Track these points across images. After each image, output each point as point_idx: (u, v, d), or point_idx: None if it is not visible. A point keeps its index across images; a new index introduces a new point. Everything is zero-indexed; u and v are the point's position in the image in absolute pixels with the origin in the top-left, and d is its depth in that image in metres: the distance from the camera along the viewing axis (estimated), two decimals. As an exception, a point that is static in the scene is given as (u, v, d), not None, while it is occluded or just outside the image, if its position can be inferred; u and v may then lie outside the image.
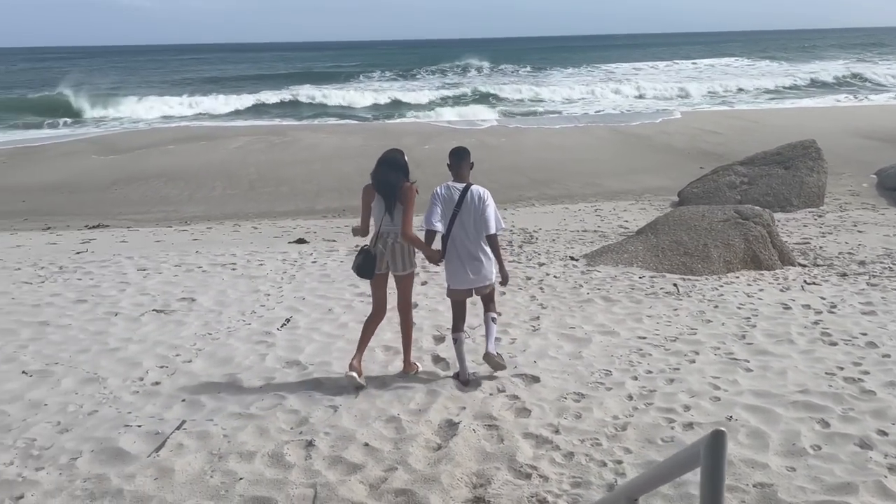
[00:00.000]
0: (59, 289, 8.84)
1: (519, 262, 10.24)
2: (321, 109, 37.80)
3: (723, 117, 29.41)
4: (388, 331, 6.87)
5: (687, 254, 9.34)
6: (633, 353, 5.98)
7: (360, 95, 41.41)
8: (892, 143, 22.14)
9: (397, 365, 5.94)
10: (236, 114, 36.14)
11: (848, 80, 46.91)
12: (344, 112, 36.34)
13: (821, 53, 76.45)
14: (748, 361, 5.74)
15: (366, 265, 5.34)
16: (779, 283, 8.61)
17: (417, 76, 57.70)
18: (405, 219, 5.22)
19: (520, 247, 11.70)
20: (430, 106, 37.77)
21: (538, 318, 7.17)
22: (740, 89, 41.98)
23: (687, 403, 4.94)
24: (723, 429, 1.70)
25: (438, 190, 5.35)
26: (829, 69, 52.48)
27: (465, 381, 5.40)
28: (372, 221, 5.49)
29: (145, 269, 9.93)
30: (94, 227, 14.59)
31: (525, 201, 16.39)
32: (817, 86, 43.41)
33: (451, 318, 5.60)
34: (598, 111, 33.75)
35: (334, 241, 12.28)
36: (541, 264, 10.00)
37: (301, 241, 12.21)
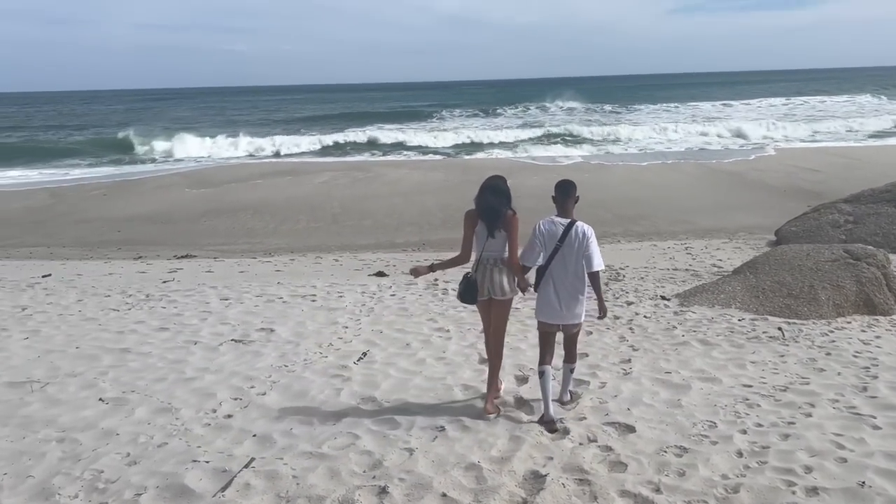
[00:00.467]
0: (143, 316, 8.93)
1: (606, 301, 9.72)
2: (401, 146, 38.33)
3: (820, 154, 27.96)
4: (468, 369, 6.53)
5: (791, 296, 8.62)
6: (739, 402, 5.40)
7: (440, 133, 41.76)
8: None
9: (477, 405, 5.57)
10: (322, 151, 37.01)
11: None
12: (425, 149, 36.63)
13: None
14: (875, 418, 5.07)
15: (468, 291, 5.27)
16: (899, 331, 7.79)
17: (498, 113, 57.77)
18: (511, 246, 5.16)
19: (606, 284, 11.17)
20: (514, 144, 37.61)
21: (629, 360, 6.66)
22: (849, 130, 39.60)
23: (808, 464, 4.34)
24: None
25: (541, 225, 5.20)
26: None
27: (550, 421, 5.09)
28: (474, 248, 5.37)
29: (227, 299, 9.95)
30: (182, 256, 14.92)
31: (610, 238, 15.82)
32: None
33: (539, 353, 5.38)
34: (688, 148, 32.73)
35: (414, 274, 12.08)
36: (629, 303, 9.46)
37: (381, 273, 12.08)
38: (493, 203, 5.11)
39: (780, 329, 7.50)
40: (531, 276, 5.33)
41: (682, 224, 16.97)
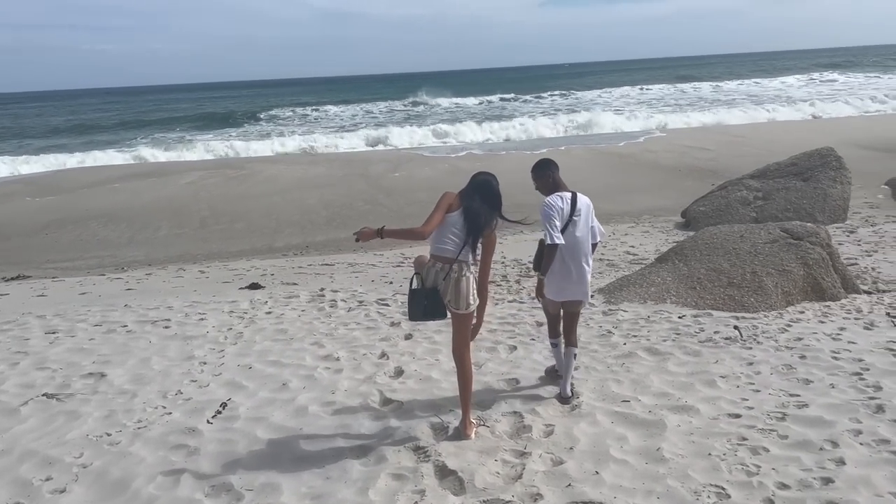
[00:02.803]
0: (-75, 366, 6.69)
1: (521, 303, 8.35)
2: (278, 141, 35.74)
3: (708, 133, 28.07)
4: (366, 417, 4.89)
5: (733, 285, 7.52)
6: (738, 445, 4.01)
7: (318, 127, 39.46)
8: (891, 152, 20.90)
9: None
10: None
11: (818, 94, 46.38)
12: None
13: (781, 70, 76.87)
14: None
15: (435, 305, 4.37)
16: (857, 319, 6.81)
17: (377, 110, 55.51)
18: (485, 265, 4.59)
19: (517, 282, 9.83)
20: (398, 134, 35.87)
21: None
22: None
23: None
24: None
25: (554, 201, 4.83)
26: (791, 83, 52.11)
27: (566, 399, 4.93)
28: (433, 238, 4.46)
29: (55, 332, 7.83)
30: (11, 278, 12.37)
31: (512, 228, 14.53)
32: (782, 101, 42.53)
33: (548, 326, 5.29)
34: (574, 133, 32.21)
35: (295, 283, 10.27)
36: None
37: (255, 286, 10.17)
38: (484, 212, 4.38)
39: (735, 328, 6.31)
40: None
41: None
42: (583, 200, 4.93)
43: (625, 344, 6.20)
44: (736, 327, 6.30)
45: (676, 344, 6.09)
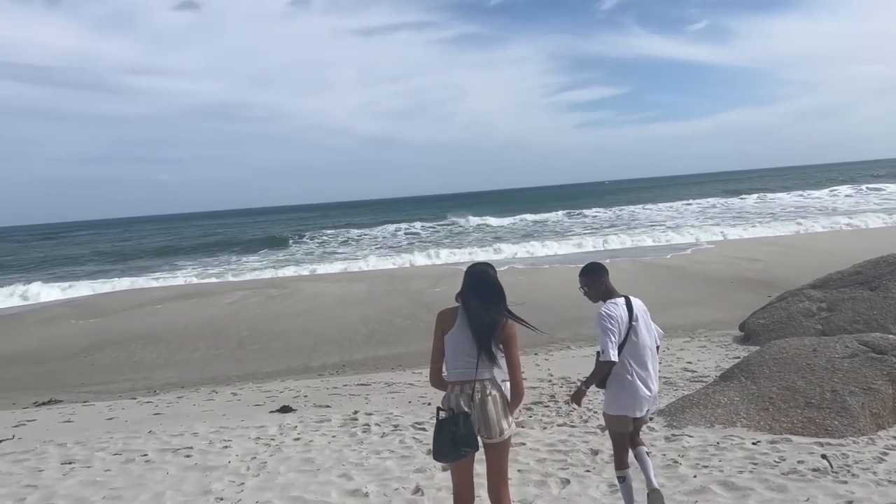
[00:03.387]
0: (-74, 502, 6.19)
1: (573, 426, 7.59)
2: (318, 259, 36.06)
3: (756, 244, 27.29)
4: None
5: (811, 406, 6.68)
6: None
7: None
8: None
9: None
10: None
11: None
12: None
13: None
14: None
15: (470, 435, 3.66)
16: (964, 445, 5.89)
17: (415, 229, 56.09)
18: (513, 363, 3.80)
19: (566, 402, 9.05)
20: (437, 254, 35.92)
21: (638, 529, 4.45)
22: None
23: None
24: None
25: (611, 310, 4.47)
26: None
27: (657, 490, 4.49)
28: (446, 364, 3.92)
29: (72, 462, 7.33)
30: (42, 403, 12.04)
31: (558, 343, 13.85)
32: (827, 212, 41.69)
33: (614, 454, 4.73)
34: (620, 247, 31.76)
35: (328, 406, 9.67)
36: (604, 428, 7.32)
37: (286, 409, 9.60)
38: (491, 311, 3.80)
39: (824, 457, 5.47)
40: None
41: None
42: (637, 304, 4.65)
43: (695, 477, 5.39)
44: (824, 456, 5.46)
45: (755, 477, 5.27)
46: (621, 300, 4.60)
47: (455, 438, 3.61)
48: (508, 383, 3.87)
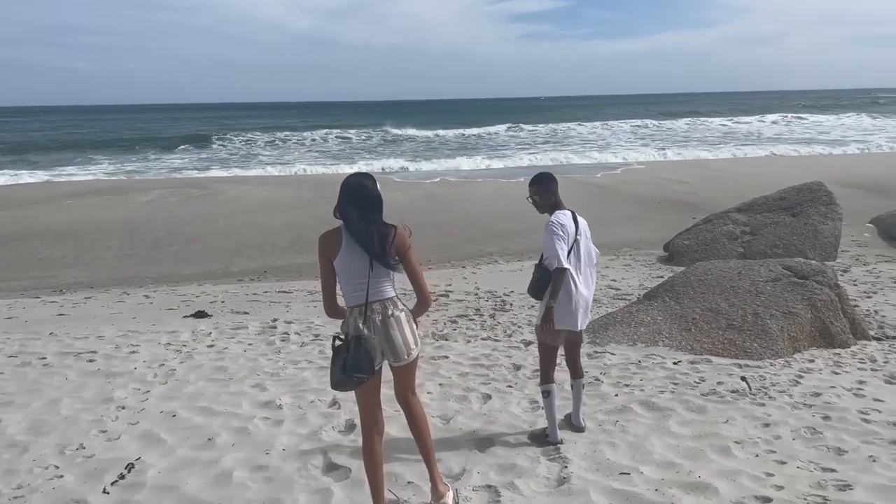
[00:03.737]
0: None
1: (497, 341, 7.49)
2: (243, 161, 34.74)
3: (686, 166, 27.68)
4: (303, 491, 3.95)
5: (733, 327, 6.72)
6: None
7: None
8: (872, 190, 20.56)
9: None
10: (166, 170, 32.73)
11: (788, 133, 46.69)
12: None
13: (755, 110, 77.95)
14: None
15: (361, 360, 3.31)
16: (874, 370, 6.05)
17: (348, 135, 54.49)
18: (415, 273, 3.49)
19: (491, 316, 8.97)
20: (370, 160, 35.10)
21: (557, 449, 4.34)
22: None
23: None
24: None
25: (558, 219, 4.32)
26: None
27: (557, 443, 4.43)
28: (339, 290, 3.50)
29: (-39, 364, 6.76)
30: (-66, 298, 11.20)
31: (486, 257, 13.74)
32: (753, 140, 42.69)
33: (540, 368, 4.56)
34: (553, 161, 31.70)
35: (246, 312, 9.30)
36: (528, 343, 7.25)
37: (201, 314, 9.17)
38: (371, 219, 3.38)
39: (743, 380, 5.48)
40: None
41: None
42: (582, 220, 4.51)
43: (616, 395, 5.33)
44: (744, 378, 5.48)
45: (676, 397, 5.24)
46: (569, 212, 4.44)
47: (345, 365, 3.28)
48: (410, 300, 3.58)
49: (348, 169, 31.01)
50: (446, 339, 7.59)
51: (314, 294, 10.59)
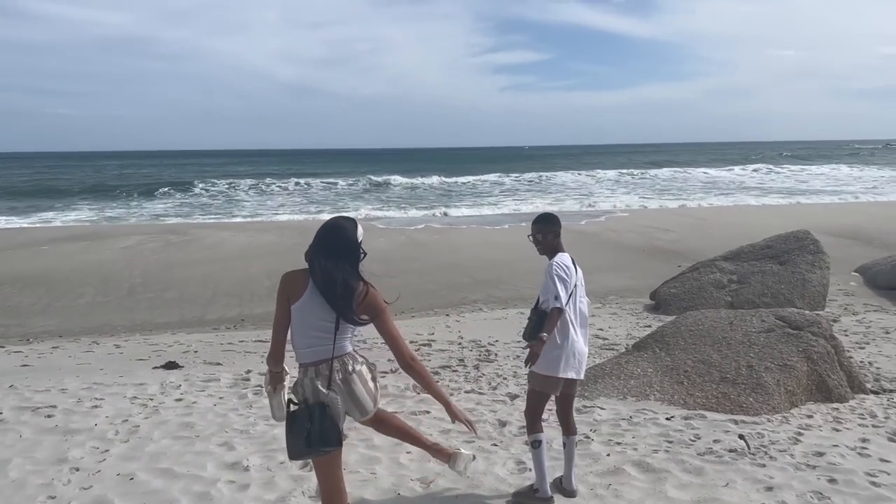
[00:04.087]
0: None
1: (481, 394, 7.15)
2: (224, 207, 34.44)
3: (670, 215, 27.73)
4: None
5: (726, 381, 6.44)
6: None
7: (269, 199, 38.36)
8: (855, 239, 20.60)
9: None
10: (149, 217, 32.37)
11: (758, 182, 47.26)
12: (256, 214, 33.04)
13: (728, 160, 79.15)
14: None
15: (328, 431, 3.00)
16: (875, 427, 5.78)
17: (333, 183, 54.38)
18: (392, 336, 3.19)
19: (475, 367, 8.63)
20: (354, 207, 34.99)
21: (545, 516, 4.01)
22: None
23: None
24: None
25: (562, 261, 4.22)
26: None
27: (548, 500, 4.20)
28: (290, 343, 3.21)
29: None
30: None
31: (470, 305, 13.44)
32: (734, 188, 43.13)
33: (527, 418, 4.33)
34: (536, 211, 31.69)
35: (219, 363, 8.90)
36: (513, 396, 6.93)
37: (171, 365, 8.77)
38: (335, 267, 3.08)
39: (741, 438, 5.18)
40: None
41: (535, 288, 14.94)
42: (578, 266, 4.37)
43: (608, 455, 5.01)
44: (742, 437, 5.18)
45: (671, 457, 4.93)
46: (567, 256, 4.31)
47: (310, 437, 2.97)
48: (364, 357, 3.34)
49: (331, 215, 30.84)
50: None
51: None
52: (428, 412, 6.36)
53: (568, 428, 4.41)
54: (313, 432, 2.95)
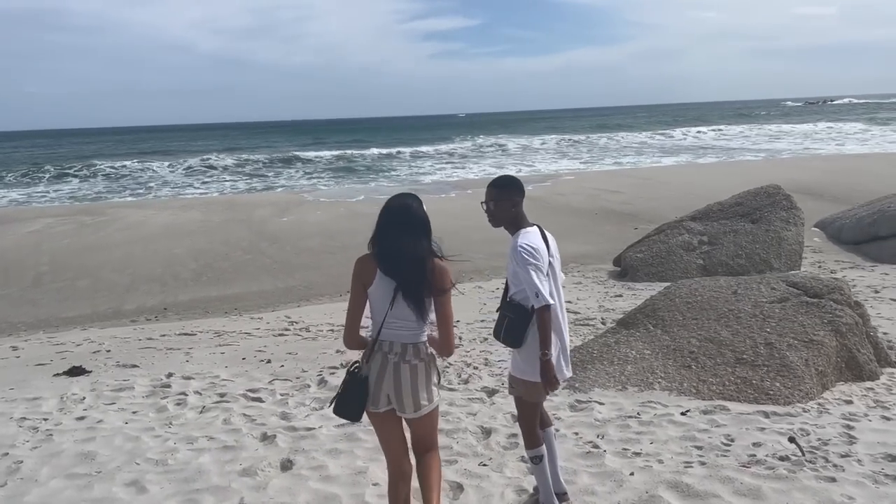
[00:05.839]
0: None
1: (452, 389, 6.02)
2: (150, 187, 32.19)
3: (615, 176, 27.00)
4: None
5: (743, 362, 5.46)
6: None
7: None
8: (806, 193, 20.25)
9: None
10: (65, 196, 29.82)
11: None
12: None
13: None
14: None
15: (348, 397, 3.06)
16: (924, 408, 4.88)
17: (260, 157, 51.88)
18: (445, 316, 3.02)
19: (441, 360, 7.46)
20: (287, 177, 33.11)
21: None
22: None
23: None
24: None
25: (529, 241, 3.34)
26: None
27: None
28: (366, 322, 3.09)
29: None
30: None
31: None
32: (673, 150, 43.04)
33: (524, 431, 3.64)
34: (481, 176, 30.60)
35: (135, 365, 7.49)
36: (490, 392, 5.81)
37: (77, 370, 7.32)
38: (412, 246, 2.97)
39: (791, 441, 4.18)
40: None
41: (501, 258, 13.83)
42: (551, 237, 3.59)
43: (632, 474, 3.94)
44: (792, 439, 4.18)
45: (712, 472, 3.89)
46: (535, 230, 3.51)
47: (338, 400, 3.08)
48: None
49: (262, 190, 29.00)
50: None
51: (222, 335, 8.85)
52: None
53: (546, 420, 3.79)
54: (339, 399, 3.08)
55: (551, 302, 3.26)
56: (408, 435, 3.25)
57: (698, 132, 60.53)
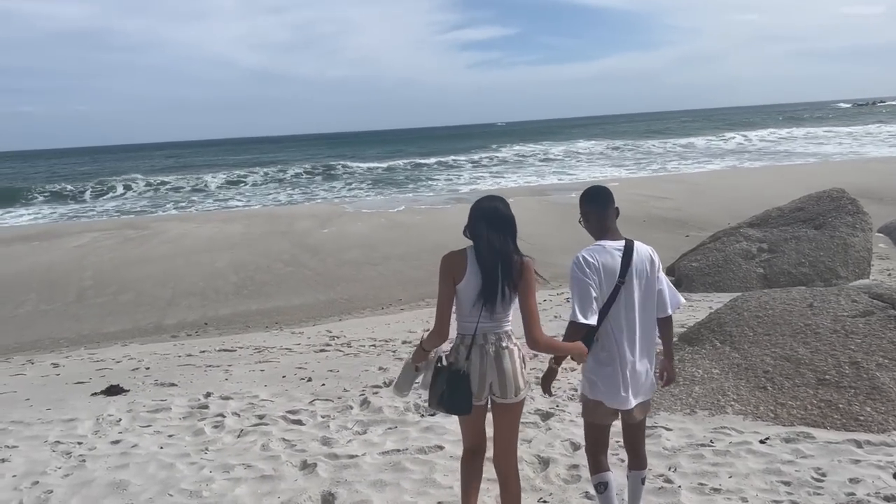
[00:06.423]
0: None
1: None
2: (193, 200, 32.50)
3: (662, 182, 26.30)
4: None
5: (826, 383, 4.95)
6: None
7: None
8: (867, 198, 19.30)
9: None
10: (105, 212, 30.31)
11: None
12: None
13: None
14: None
15: (459, 393, 3.13)
16: None
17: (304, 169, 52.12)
18: (530, 313, 3.11)
19: (541, 391, 7.06)
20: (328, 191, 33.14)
21: None
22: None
23: None
24: None
25: (586, 256, 3.22)
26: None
27: None
28: (453, 318, 3.20)
29: None
30: None
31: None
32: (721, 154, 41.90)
33: (588, 455, 3.46)
34: (521, 185, 30.17)
35: (173, 384, 7.25)
36: (545, 415, 5.39)
37: (115, 389, 7.11)
38: (500, 243, 3.12)
39: (897, 477, 3.69)
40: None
41: (546, 267, 13.31)
42: (642, 252, 3.32)
43: (711, 515, 3.49)
44: (899, 476, 3.68)
45: (807, 514, 3.42)
46: (614, 244, 3.29)
47: (442, 399, 3.14)
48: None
49: (303, 201, 29.01)
50: (433, 415, 5.59)
51: (262, 351, 8.60)
52: (441, 448, 4.80)
53: (635, 461, 3.51)
54: (445, 396, 3.13)
55: (582, 320, 3.11)
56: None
57: (744, 136, 59.03)
